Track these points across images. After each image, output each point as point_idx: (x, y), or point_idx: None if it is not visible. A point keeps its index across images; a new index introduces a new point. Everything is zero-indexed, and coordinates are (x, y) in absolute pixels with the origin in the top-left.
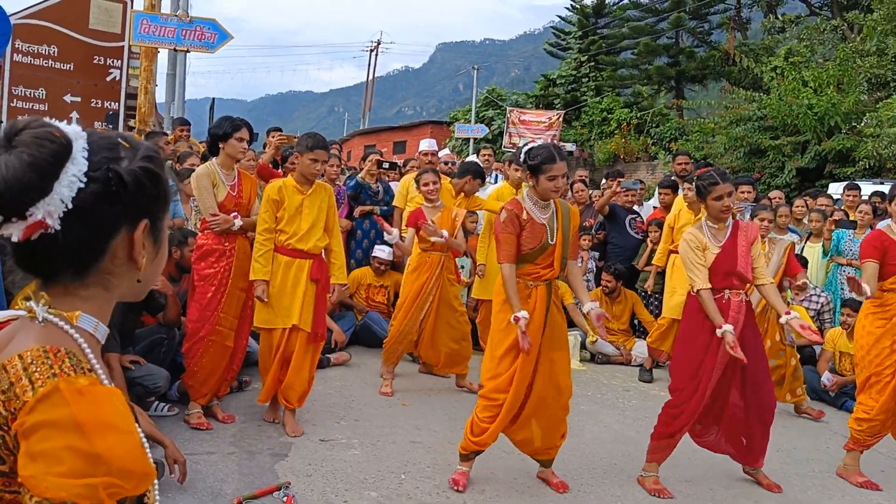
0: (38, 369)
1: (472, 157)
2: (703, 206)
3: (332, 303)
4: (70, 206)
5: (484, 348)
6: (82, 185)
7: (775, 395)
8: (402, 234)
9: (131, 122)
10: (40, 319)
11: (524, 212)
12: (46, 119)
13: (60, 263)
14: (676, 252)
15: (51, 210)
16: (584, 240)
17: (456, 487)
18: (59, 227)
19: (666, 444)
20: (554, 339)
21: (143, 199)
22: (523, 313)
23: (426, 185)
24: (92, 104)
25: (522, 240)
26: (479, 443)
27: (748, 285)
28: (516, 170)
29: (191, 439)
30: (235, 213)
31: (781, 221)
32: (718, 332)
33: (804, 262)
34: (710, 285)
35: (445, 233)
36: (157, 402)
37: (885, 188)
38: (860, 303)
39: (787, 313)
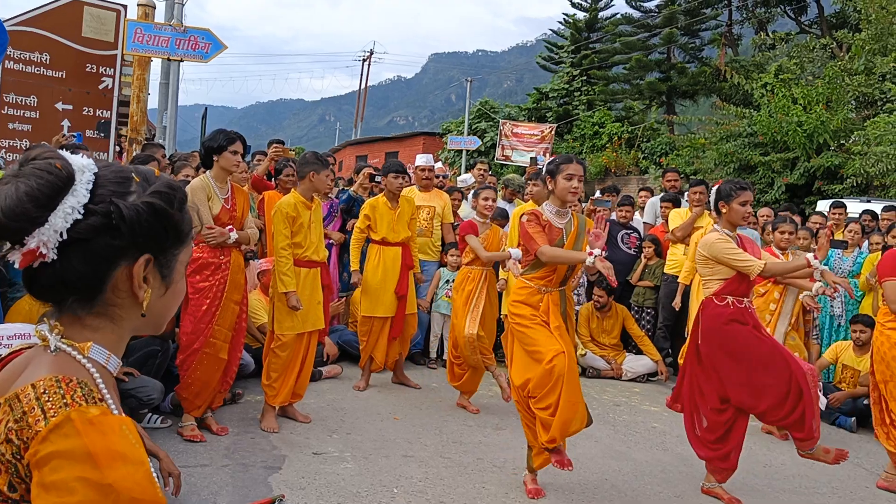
0: (51, 399)
1: (464, 175)
2: (725, 210)
3: (331, 312)
4: (66, 236)
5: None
6: (80, 217)
7: None
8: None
9: (123, 131)
10: (53, 349)
11: (544, 216)
12: (59, 151)
13: (62, 292)
14: None
15: (45, 240)
16: None
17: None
18: (55, 257)
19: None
20: (566, 342)
21: (144, 234)
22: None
23: (486, 199)
24: (84, 112)
25: None
26: (551, 440)
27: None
28: (535, 185)
29: (184, 451)
30: (231, 227)
31: (769, 239)
32: (814, 262)
33: None
34: (765, 261)
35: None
36: (150, 414)
37: (873, 206)
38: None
39: (815, 257)
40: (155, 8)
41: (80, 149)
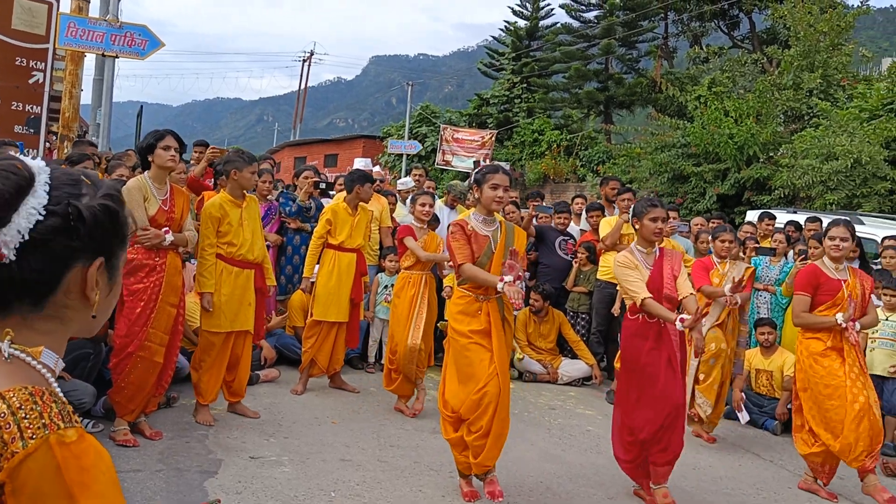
0: (28, 416)
1: (405, 178)
2: (638, 226)
3: (269, 328)
4: (26, 237)
5: None
6: (41, 218)
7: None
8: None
9: (54, 127)
10: (6, 356)
11: (469, 225)
12: (11, 152)
13: (13, 293)
14: None
15: (6, 240)
16: None
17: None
18: (13, 258)
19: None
20: (503, 356)
21: (100, 235)
22: (507, 278)
23: (423, 205)
24: (12, 107)
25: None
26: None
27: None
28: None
29: (117, 456)
30: (167, 228)
31: (703, 247)
32: (679, 325)
33: None
34: (650, 295)
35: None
36: (81, 419)
37: (798, 217)
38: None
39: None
40: (89, 2)
41: (7, 145)
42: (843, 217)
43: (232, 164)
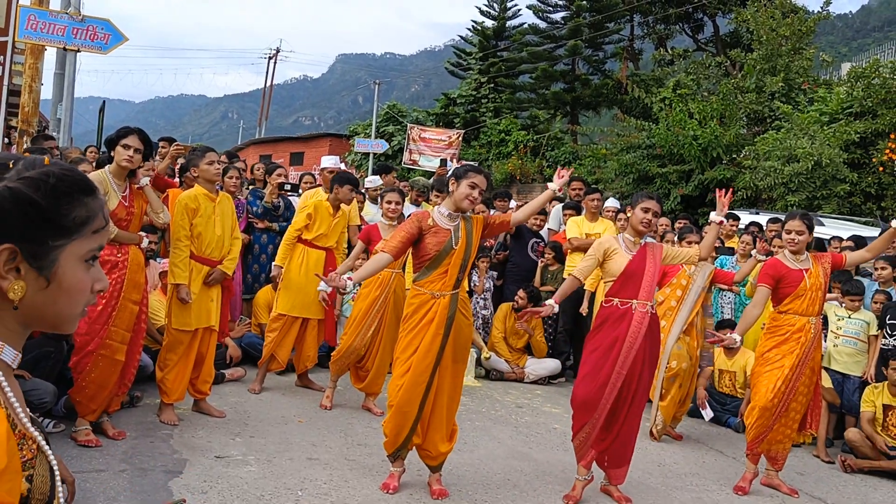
0: None
1: (372, 177)
2: (630, 214)
3: (235, 335)
4: None
5: None
6: None
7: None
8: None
9: (13, 122)
10: None
11: (430, 219)
12: None
13: None
14: None
15: None
16: (483, 261)
17: (386, 490)
18: None
19: (578, 445)
20: (456, 351)
21: (6, 220)
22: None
23: (389, 202)
24: None
25: (427, 244)
26: (386, 444)
27: (654, 299)
28: (437, 195)
29: (79, 457)
30: (142, 234)
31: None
32: (550, 302)
33: None
34: (585, 277)
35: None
36: (42, 419)
37: (759, 218)
38: (733, 323)
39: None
40: None
41: None
42: (800, 210)
43: (189, 162)
